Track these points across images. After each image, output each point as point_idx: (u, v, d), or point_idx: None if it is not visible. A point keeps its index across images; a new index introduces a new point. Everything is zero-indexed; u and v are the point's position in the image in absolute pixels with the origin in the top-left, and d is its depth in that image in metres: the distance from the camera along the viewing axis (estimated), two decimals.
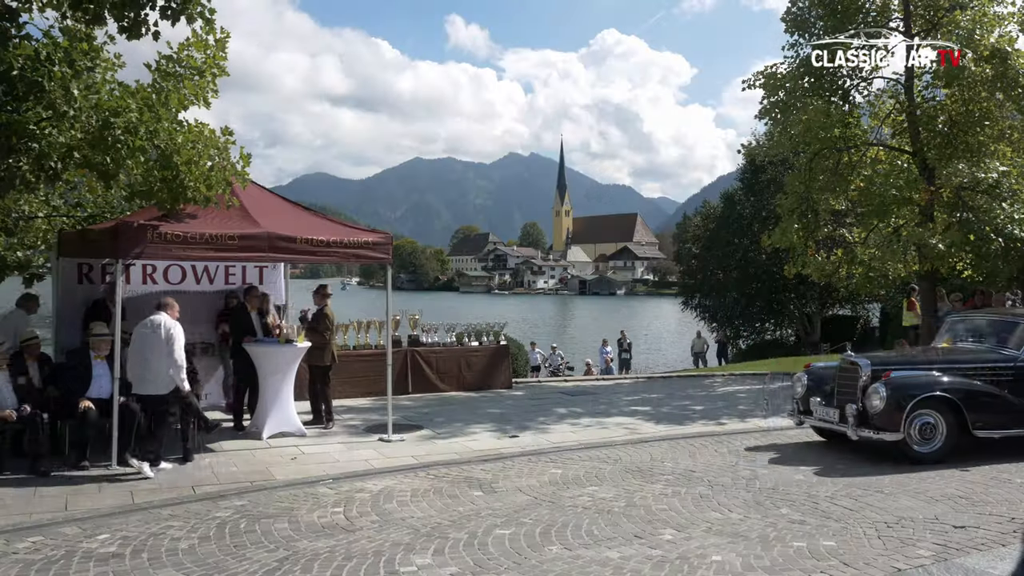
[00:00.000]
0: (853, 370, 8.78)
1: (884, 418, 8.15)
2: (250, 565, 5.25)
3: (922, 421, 8.17)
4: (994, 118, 14.76)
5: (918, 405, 8.12)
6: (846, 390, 8.78)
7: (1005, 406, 8.45)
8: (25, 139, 7.20)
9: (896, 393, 8.16)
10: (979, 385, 8.48)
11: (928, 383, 8.34)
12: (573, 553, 5.46)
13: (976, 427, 8.25)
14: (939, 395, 8.20)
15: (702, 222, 38.14)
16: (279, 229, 9.01)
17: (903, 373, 8.50)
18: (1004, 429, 8.42)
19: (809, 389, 9.39)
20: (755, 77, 16.28)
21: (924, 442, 8.16)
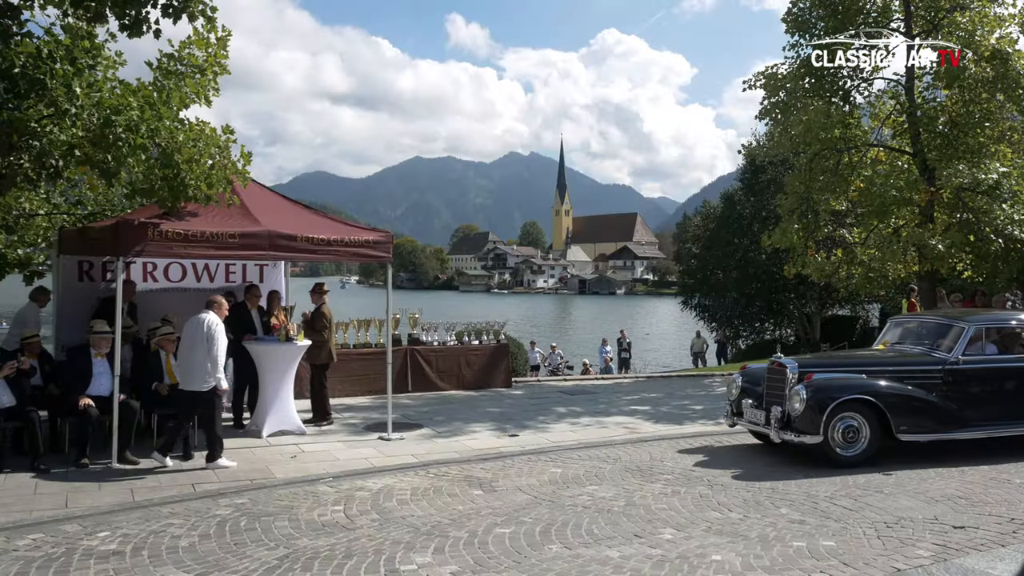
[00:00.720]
0: (781, 372, 8.63)
1: (804, 420, 8.03)
2: (250, 563, 5.25)
3: (845, 424, 8.04)
4: (995, 119, 14.79)
5: (839, 408, 7.99)
6: (774, 392, 8.65)
7: (932, 409, 8.34)
8: (26, 137, 7.20)
9: (816, 395, 8.03)
10: (903, 388, 8.33)
11: (849, 385, 8.21)
12: (573, 552, 5.47)
13: (900, 430, 8.13)
14: (860, 398, 8.06)
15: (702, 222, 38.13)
16: (280, 227, 9.02)
17: (825, 375, 8.37)
18: (931, 433, 8.32)
19: (743, 391, 9.24)
20: (756, 77, 16.30)
21: (848, 445, 8.04)
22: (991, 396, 8.62)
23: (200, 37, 8.30)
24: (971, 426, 8.45)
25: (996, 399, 8.63)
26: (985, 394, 8.59)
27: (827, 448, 7.99)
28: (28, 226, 11.74)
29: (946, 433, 8.35)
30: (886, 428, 8.11)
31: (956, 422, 8.39)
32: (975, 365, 8.57)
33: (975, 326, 8.73)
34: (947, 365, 8.53)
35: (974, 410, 8.50)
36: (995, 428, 8.53)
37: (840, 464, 7.93)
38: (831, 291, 27.94)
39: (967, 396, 8.50)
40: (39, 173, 7.77)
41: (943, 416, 8.36)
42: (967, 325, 8.75)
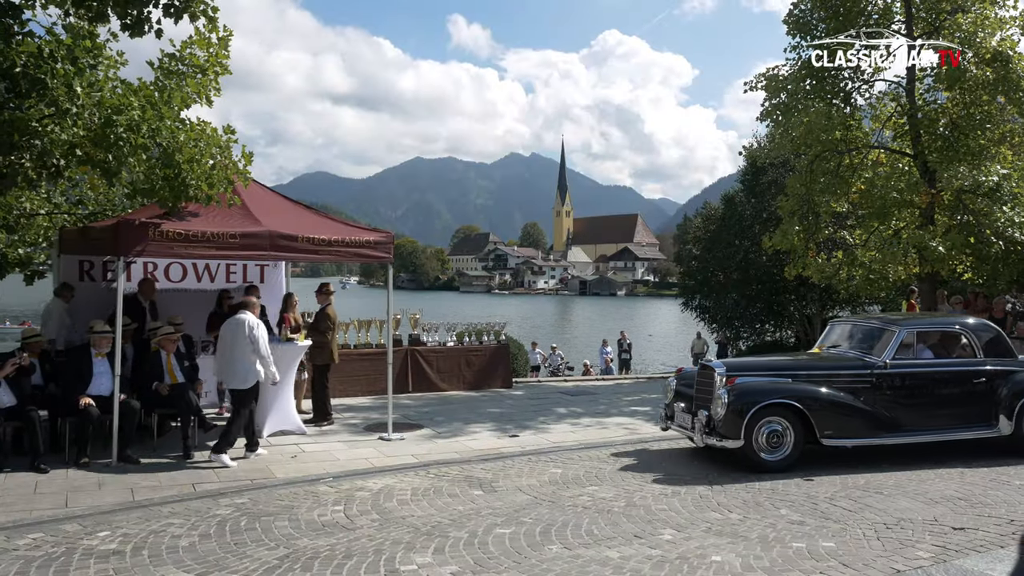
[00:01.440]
0: (709, 375, 8.47)
1: (726, 424, 7.91)
2: (250, 563, 5.25)
3: (770, 428, 7.92)
4: (995, 121, 14.80)
5: (762, 412, 7.86)
6: (703, 395, 8.49)
7: (858, 414, 8.19)
8: (27, 136, 7.20)
9: (738, 399, 7.91)
10: (828, 392, 8.18)
11: (771, 389, 8.06)
12: (573, 552, 5.47)
13: (824, 435, 8.00)
14: (783, 402, 7.93)
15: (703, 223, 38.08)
16: (281, 228, 9.02)
17: (749, 379, 8.24)
18: (856, 438, 8.19)
19: (677, 394, 9.06)
20: (757, 79, 16.31)
21: (772, 450, 7.91)
22: (921, 401, 8.47)
23: (201, 37, 8.31)
24: (901, 431, 8.31)
25: (927, 404, 8.47)
26: (915, 399, 8.45)
27: (750, 452, 7.87)
28: (29, 226, 11.76)
29: (873, 438, 8.21)
30: (810, 433, 8.00)
31: (884, 427, 8.24)
32: (903, 369, 8.43)
33: (906, 330, 8.61)
34: (875, 369, 8.38)
35: (904, 415, 8.35)
36: (925, 433, 8.40)
37: (764, 469, 7.81)
38: (832, 293, 27.86)
39: (896, 401, 8.36)
40: (40, 173, 7.77)
41: (870, 421, 8.21)
42: (898, 329, 8.61)
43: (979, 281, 15.15)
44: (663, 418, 9.18)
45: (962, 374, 8.61)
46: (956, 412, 8.51)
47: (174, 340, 9.00)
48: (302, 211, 10.35)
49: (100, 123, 7.49)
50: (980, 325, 9.06)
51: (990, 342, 8.81)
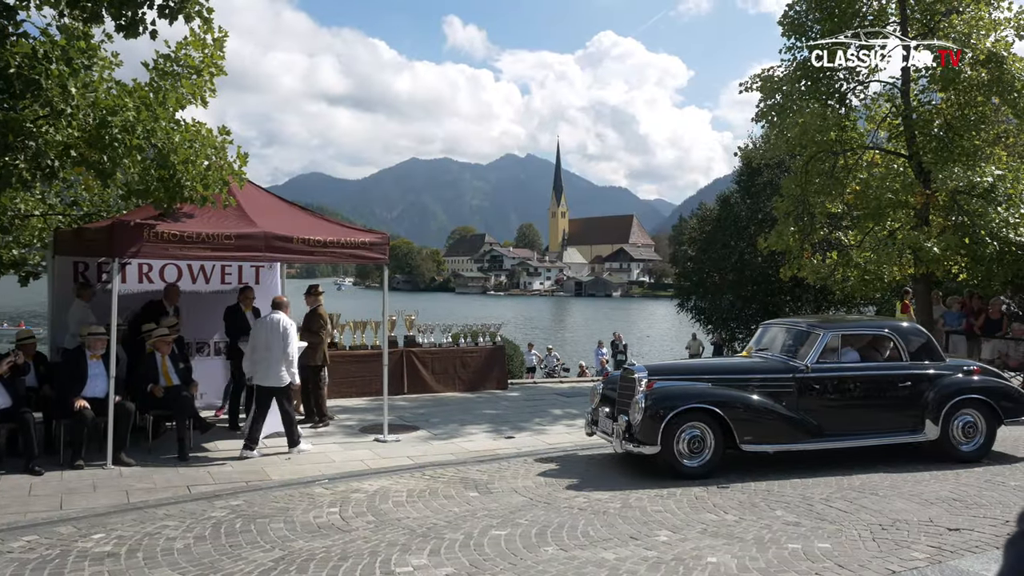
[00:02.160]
0: (631, 379, 8.23)
1: (643, 430, 7.67)
2: (246, 565, 5.24)
3: (691, 434, 7.70)
4: (990, 122, 14.85)
5: (679, 417, 7.64)
6: (625, 400, 8.22)
7: (779, 419, 7.97)
8: (22, 137, 7.19)
9: (655, 404, 7.69)
10: (748, 396, 7.98)
11: (689, 394, 7.85)
12: (569, 554, 5.47)
13: (744, 440, 7.80)
14: (701, 407, 7.71)
15: (698, 224, 38.13)
16: (276, 229, 9.00)
17: (667, 384, 8.03)
18: (777, 443, 7.98)
19: (603, 398, 8.82)
20: (752, 80, 16.33)
21: (693, 455, 7.69)
22: (845, 405, 8.32)
23: (196, 38, 8.30)
24: (824, 436, 8.12)
25: (851, 408, 8.32)
26: (839, 403, 8.29)
27: (668, 459, 7.65)
28: (23, 227, 11.72)
29: (794, 443, 8.01)
30: (729, 438, 7.80)
31: (807, 432, 8.05)
32: (826, 373, 8.26)
33: (831, 333, 8.43)
34: (798, 373, 8.21)
35: (828, 419, 8.17)
36: (848, 439, 8.25)
37: (684, 475, 7.59)
38: (827, 294, 27.96)
39: (819, 405, 8.19)
40: (34, 174, 7.75)
41: (792, 426, 8.00)
42: (823, 332, 8.42)
43: (973, 282, 15.20)
44: (588, 423, 8.91)
45: (887, 378, 8.46)
46: (882, 416, 8.37)
47: (168, 342, 8.98)
48: (297, 212, 10.34)
49: (95, 124, 7.47)
50: (908, 329, 8.91)
51: (918, 346, 8.69)
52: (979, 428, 8.43)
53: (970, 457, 8.33)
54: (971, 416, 8.40)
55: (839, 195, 15.82)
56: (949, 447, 8.33)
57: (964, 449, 8.37)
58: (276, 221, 9.30)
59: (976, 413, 8.41)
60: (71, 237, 9.60)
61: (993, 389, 8.56)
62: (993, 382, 8.68)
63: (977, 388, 8.47)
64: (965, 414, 8.39)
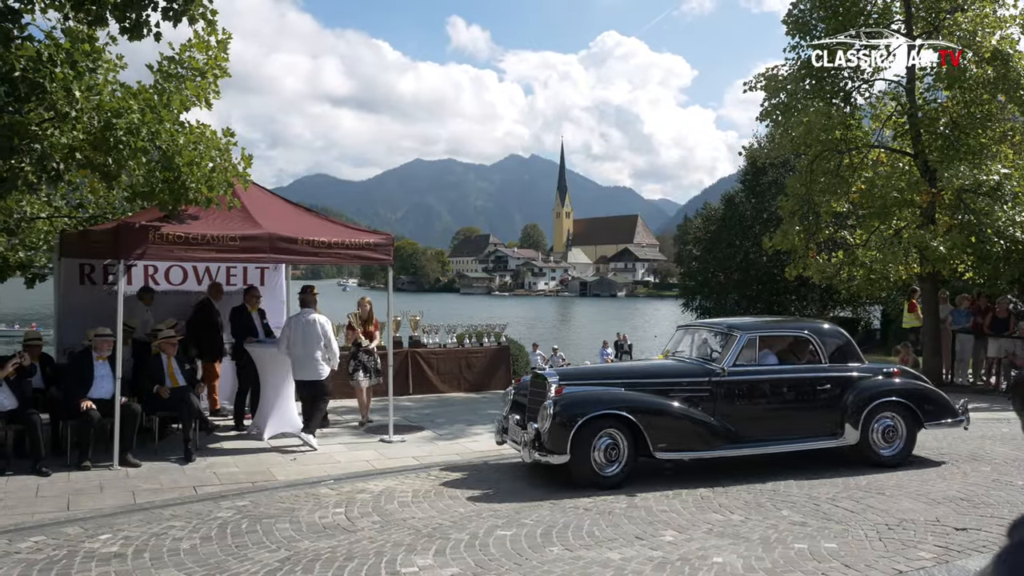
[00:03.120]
0: (541, 384, 7.79)
1: (552, 438, 7.20)
2: (252, 565, 5.25)
3: (607, 442, 7.29)
4: (996, 120, 14.80)
5: (590, 424, 7.20)
6: (535, 407, 7.76)
7: (694, 425, 7.58)
8: (27, 140, 7.21)
9: (564, 411, 7.24)
10: (661, 402, 7.59)
11: (600, 399, 7.40)
12: (574, 554, 5.46)
13: (658, 448, 7.39)
14: (612, 413, 7.29)
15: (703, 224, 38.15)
16: (280, 230, 9.02)
17: (578, 389, 7.60)
18: (693, 450, 7.60)
19: (515, 405, 8.35)
20: (756, 79, 16.31)
21: (608, 463, 7.28)
22: (763, 410, 8.00)
23: (200, 40, 8.31)
24: (742, 442, 7.77)
25: (769, 413, 8.01)
26: (756, 408, 7.97)
27: (584, 468, 7.20)
28: (29, 229, 11.77)
29: (711, 450, 7.63)
30: (643, 445, 7.42)
31: (723, 438, 7.67)
32: (743, 377, 7.90)
33: (748, 335, 8.08)
34: (714, 377, 7.83)
35: (745, 425, 7.80)
36: (766, 445, 7.90)
37: (600, 485, 7.18)
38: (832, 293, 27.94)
39: (736, 410, 7.83)
40: (40, 176, 7.77)
41: (708, 432, 7.63)
42: (740, 334, 8.06)
43: (980, 281, 15.15)
44: (498, 431, 8.47)
45: (806, 381, 8.13)
46: (801, 421, 8.05)
47: (174, 343, 9.00)
48: (302, 213, 10.36)
49: (100, 126, 7.49)
50: (827, 330, 8.62)
51: (837, 348, 8.41)
52: (899, 432, 8.11)
53: (890, 462, 8.00)
54: (891, 420, 8.10)
55: (844, 194, 15.78)
56: (869, 452, 8.03)
57: (884, 454, 8.06)
58: (281, 222, 9.32)
59: (896, 416, 8.10)
60: (77, 239, 9.63)
61: (913, 392, 8.26)
62: (913, 385, 8.38)
63: (897, 391, 8.17)
64: (885, 418, 8.08)
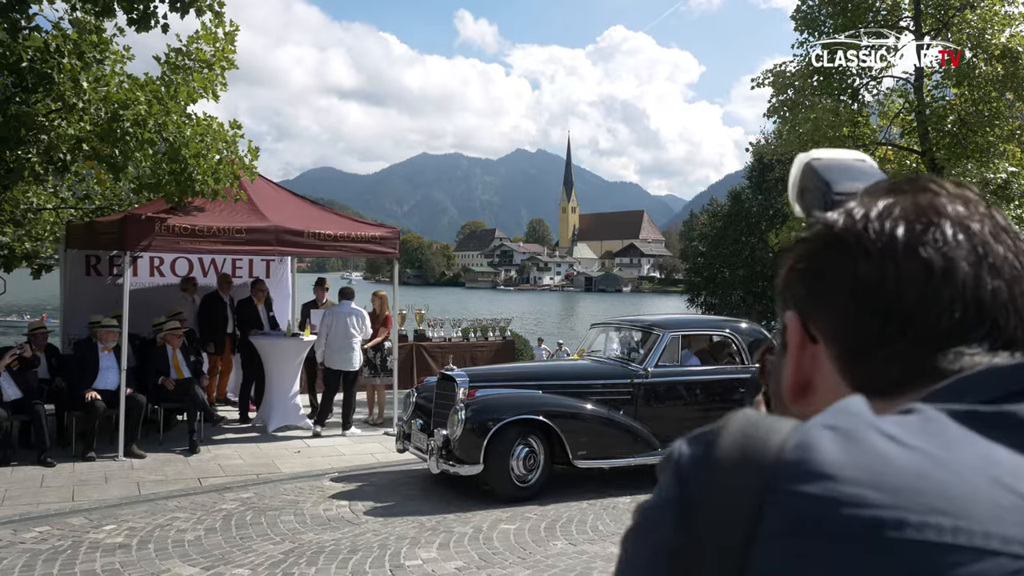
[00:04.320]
0: (449, 387, 7.15)
1: (464, 446, 6.60)
2: (256, 557, 5.27)
3: (526, 450, 6.73)
4: (1004, 118, 14.72)
5: (505, 431, 6.61)
6: (442, 411, 7.13)
7: (616, 430, 7.11)
8: (34, 131, 7.23)
9: (477, 416, 6.64)
10: (582, 406, 7.08)
11: (516, 404, 6.85)
12: (578, 548, 5.47)
13: (578, 456, 6.85)
14: (530, 418, 6.73)
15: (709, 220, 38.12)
16: (287, 223, 9.03)
17: (492, 392, 7.00)
18: (614, 458, 7.07)
19: (418, 408, 7.64)
20: (764, 75, 16.25)
21: (528, 473, 6.70)
22: (687, 413, 7.54)
23: (208, 32, 8.31)
24: (661, 449, 7.12)
25: (693, 417, 7.49)
26: (679, 411, 7.54)
27: (495, 479, 6.65)
28: (36, 220, 11.80)
29: (633, 457, 7.10)
30: (562, 453, 6.90)
31: (645, 445, 7.16)
32: (667, 379, 7.48)
33: (670, 334, 7.64)
34: (636, 378, 7.35)
35: (665, 430, 7.25)
36: None
37: (519, 497, 6.62)
38: None
39: (658, 413, 7.38)
40: (47, 167, 7.80)
41: (631, 438, 7.13)
42: (663, 333, 7.62)
43: None
44: (399, 437, 7.75)
45: (731, 383, 7.68)
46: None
47: (179, 335, 9.03)
48: (308, 206, 10.36)
49: (107, 118, 7.50)
50: (748, 330, 8.25)
51: (758, 348, 7.79)
52: None
53: None
54: None
55: None
56: None
57: None
58: (287, 215, 9.33)
59: None
60: (83, 230, 9.65)
61: None
62: None
63: None
64: None
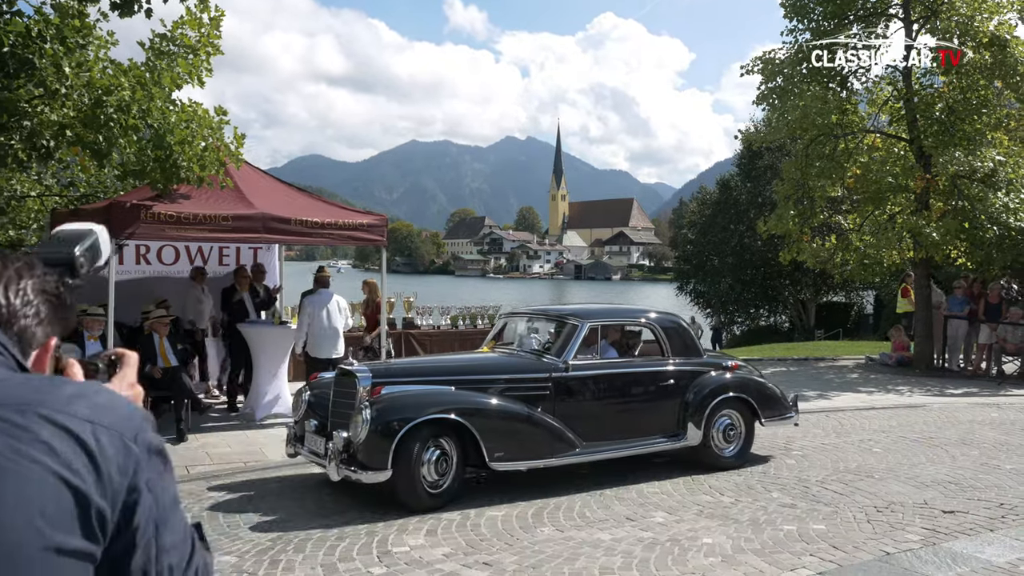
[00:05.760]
0: (350, 383, 6.45)
1: (369, 450, 5.94)
2: (243, 545, 5.27)
3: (437, 452, 6.13)
4: (992, 106, 14.79)
5: (416, 432, 5.98)
6: (342, 411, 6.46)
7: (536, 428, 6.61)
8: (17, 117, 7.14)
9: (383, 417, 5.99)
10: (500, 403, 6.53)
11: (427, 402, 6.24)
12: (565, 535, 5.49)
13: (495, 457, 6.28)
14: (443, 417, 6.13)
15: (698, 208, 38.13)
16: (273, 210, 8.98)
17: (399, 389, 6.35)
18: (533, 458, 6.55)
19: (311, 408, 6.88)
20: (753, 63, 16.25)
21: (440, 477, 6.14)
22: (608, 409, 7.14)
23: (193, 17, 8.22)
24: (585, 447, 6.80)
25: (611, 413, 7.14)
26: (598, 407, 7.09)
27: (405, 485, 5.99)
28: (20, 208, 11.71)
29: (552, 457, 6.63)
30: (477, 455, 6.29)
31: (565, 443, 6.70)
32: (588, 372, 7.05)
33: (589, 323, 7.20)
34: (555, 372, 6.87)
35: (589, 427, 6.90)
36: (608, 449, 7.00)
37: (427, 506, 6.00)
38: (826, 278, 28.01)
39: (578, 410, 6.93)
40: (30, 154, 7.71)
41: (551, 436, 6.64)
42: (581, 323, 7.17)
43: (971, 266, 15.19)
44: (290, 440, 6.93)
45: (653, 376, 7.37)
46: (644, 421, 7.27)
47: (166, 323, 8.98)
48: (295, 194, 10.31)
49: (90, 104, 7.42)
50: (669, 320, 7.87)
51: (679, 340, 7.65)
52: (739, 430, 7.54)
53: (731, 464, 7.38)
54: (730, 418, 7.50)
55: (839, 179, 15.79)
56: (711, 454, 7.37)
57: (726, 455, 7.43)
58: (274, 203, 9.28)
59: (736, 414, 7.52)
60: (68, 218, 9.56)
61: (753, 387, 7.70)
62: (752, 380, 7.83)
63: (737, 386, 7.57)
64: (724, 416, 7.47)
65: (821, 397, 12.16)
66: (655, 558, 5.02)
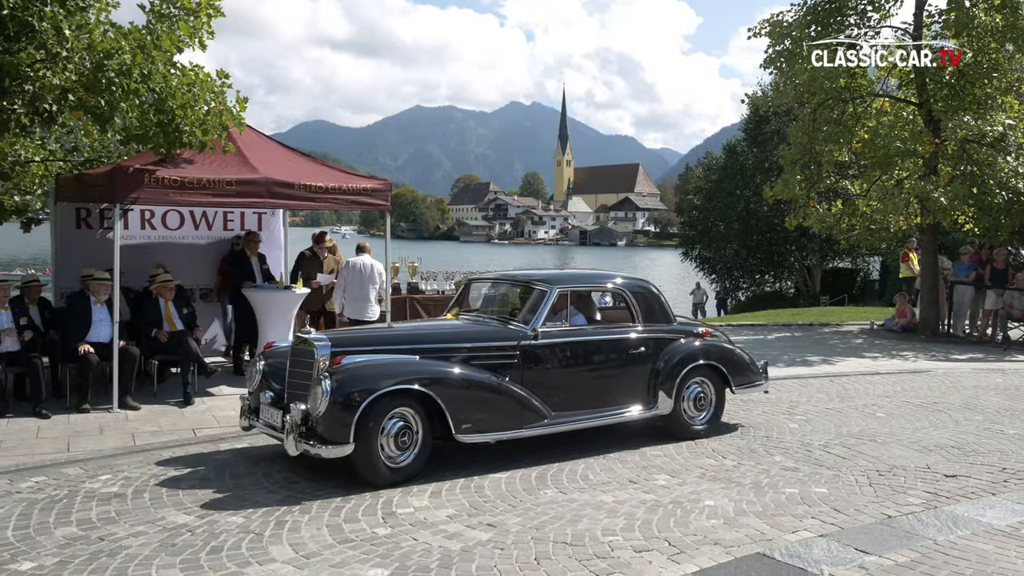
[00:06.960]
0: (307, 353, 6.15)
1: (329, 423, 5.67)
2: (250, 505, 5.33)
3: (398, 424, 5.90)
4: (1003, 70, 14.54)
5: (380, 403, 5.76)
6: (298, 382, 6.20)
7: (504, 398, 6.40)
8: (18, 81, 7.10)
9: (343, 388, 5.72)
10: (466, 373, 6.31)
11: (389, 372, 5.99)
12: (568, 497, 5.55)
13: (463, 429, 6.08)
14: (407, 388, 5.88)
15: (704, 173, 37.91)
16: (277, 175, 8.95)
17: (361, 359, 6.09)
18: (501, 430, 6.36)
19: (266, 378, 6.57)
20: (761, 25, 16.02)
21: (402, 452, 5.92)
22: (579, 378, 6.96)
23: None
24: (556, 417, 6.64)
25: (581, 382, 6.97)
26: (569, 376, 6.89)
27: (366, 460, 5.74)
28: (24, 173, 11.65)
29: (521, 429, 6.44)
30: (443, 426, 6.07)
31: (534, 413, 6.52)
32: (557, 339, 6.81)
33: (557, 289, 6.93)
34: (523, 340, 6.65)
35: (559, 396, 6.74)
36: (578, 418, 6.82)
37: (388, 482, 5.78)
38: (832, 243, 27.86)
39: (547, 378, 6.73)
40: (33, 119, 7.68)
41: (519, 407, 6.45)
42: (549, 289, 6.91)
43: (978, 232, 15.10)
44: (244, 412, 6.60)
45: (624, 343, 7.18)
46: (615, 389, 7.10)
47: (171, 287, 9.01)
48: (299, 159, 10.25)
49: (91, 67, 7.36)
50: (634, 284, 7.65)
51: (648, 305, 7.45)
52: (709, 399, 7.46)
53: (702, 433, 7.30)
54: (700, 386, 7.41)
55: (847, 143, 15.64)
56: (682, 422, 7.28)
57: (697, 423, 7.36)
58: (278, 167, 9.23)
59: (706, 382, 7.43)
60: (72, 183, 9.55)
61: (724, 355, 7.60)
62: (723, 347, 7.70)
63: (708, 353, 7.46)
64: (695, 384, 7.37)
65: (825, 362, 12.18)
66: (657, 520, 5.08)
